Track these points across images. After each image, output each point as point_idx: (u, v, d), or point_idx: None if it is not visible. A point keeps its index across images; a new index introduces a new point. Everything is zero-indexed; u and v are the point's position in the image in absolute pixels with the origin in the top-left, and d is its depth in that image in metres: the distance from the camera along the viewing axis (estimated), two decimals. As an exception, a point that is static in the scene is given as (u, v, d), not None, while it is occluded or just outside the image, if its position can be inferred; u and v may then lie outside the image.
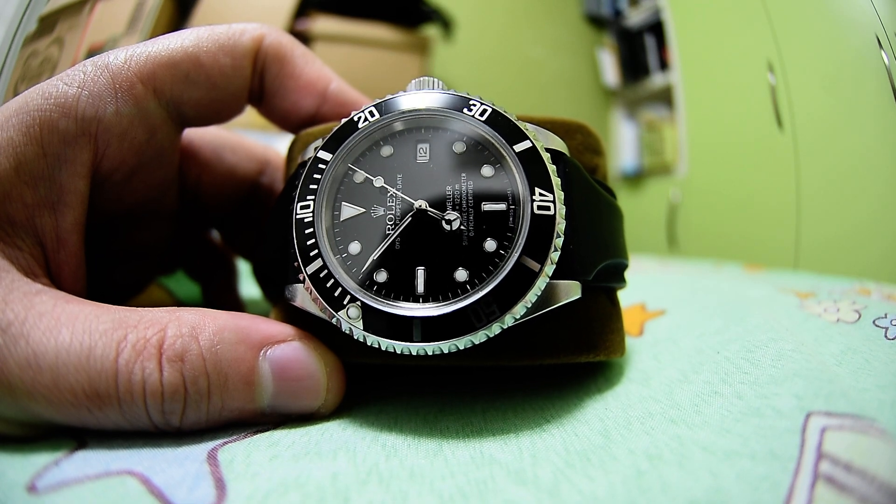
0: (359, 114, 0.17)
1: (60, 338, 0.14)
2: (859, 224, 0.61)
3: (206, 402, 0.15)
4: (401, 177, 0.17)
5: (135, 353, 0.14)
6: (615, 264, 0.19)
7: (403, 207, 0.16)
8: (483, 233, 0.16)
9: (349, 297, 0.15)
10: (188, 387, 0.14)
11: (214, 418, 0.15)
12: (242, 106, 0.22)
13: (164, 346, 0.14)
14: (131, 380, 0.14)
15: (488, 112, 0.17)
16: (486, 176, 0.16)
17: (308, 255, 0.16)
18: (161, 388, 0.14)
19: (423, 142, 0.17)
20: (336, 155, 0.17)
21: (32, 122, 0.16)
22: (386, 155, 0.17)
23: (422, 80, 0.18)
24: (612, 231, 0.19)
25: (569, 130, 0.19)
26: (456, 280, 0.15)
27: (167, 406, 0.14)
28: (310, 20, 0.99)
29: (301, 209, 0.16)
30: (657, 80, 1.32)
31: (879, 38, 0.43)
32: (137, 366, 0.14)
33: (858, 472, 0.12)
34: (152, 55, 0.18)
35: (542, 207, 0.15)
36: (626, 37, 1.41)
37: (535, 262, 0.15)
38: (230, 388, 0.15)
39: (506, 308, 0.14)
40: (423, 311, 0.15)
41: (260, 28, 0.21)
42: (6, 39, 0.41)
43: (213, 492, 0.12)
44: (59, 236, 0.16)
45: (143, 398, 0.14)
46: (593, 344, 0.18)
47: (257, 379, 0.15)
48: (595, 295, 0.18)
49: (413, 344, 0.15)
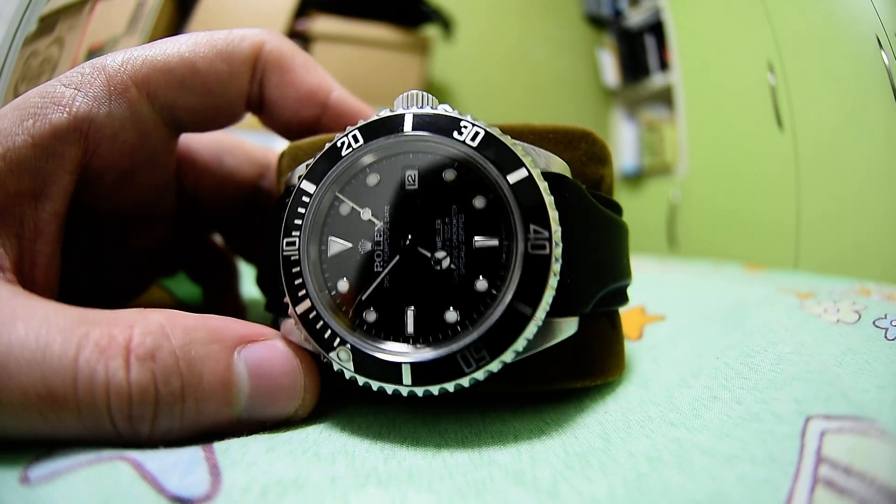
0: (342, 138, 0.16)
1: (14, 332, 0.12)
2: (859, 224, 0.61)
3: (179, 405, 0.13)
4: (388, 208, 0.16)
5: (98, 351, 0.13)
6: (617, 288, 0.19)
7: (392, 243, 0.16)
8: (474, 271, 0.15)
9: (339, 339, 0.15)
10: (160, 387, 0.13)
11: (188, 425, 0.14)
12: (240, 113, 0.21)
13: (132, 343, 0.13)
14: (93, 379, 0.12)
15: (480, 136, 0.15)
16: (477, 208, 0.15)
17: (296, 294, 0.16)
18: (128, 388, 0.13)
19: (411, 168, 0.16)
20: (320, 186, 0.16)
21: (27, 115, 0.16)
22: (372, 184, 0.16)
23: (410, 95, 0.17)
24: (614, 254, 0.19)
25: (573, 140, 0.18)
26: (446, 321, 0.15)
27: (135, 410, 0.13)
28: (310, 20, 0.99)
29: (287, 246, 0.16)
30: (657, 80, 1.32)
31: (879, 38, 0.43)
32: (101, 364, 0.12)
33: (858, 475, 0.12)
34: (148, 59, 0.18)
35: (537, 247, 0.14)
36: (626, 37, 1.41)
37: (528, 307, 0.14)
38: (205, 388, 0.14)
39: (496, 353, 0.14)
40: (411, 356, 0.15)
41: (260, 34, 0.20)
42: (6, 39, 0.41)
43: (207, 478, 0.12)
44: (38, 226, 0.16)
45: (106, 401, 0.12)
46: (589, 371, 0.17)
47: (233, 379, 0.14)
48: (594, 320, 0.18)
49: (403, 387, 0.15)
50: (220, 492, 0.11)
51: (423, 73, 1.08)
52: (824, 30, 0.64)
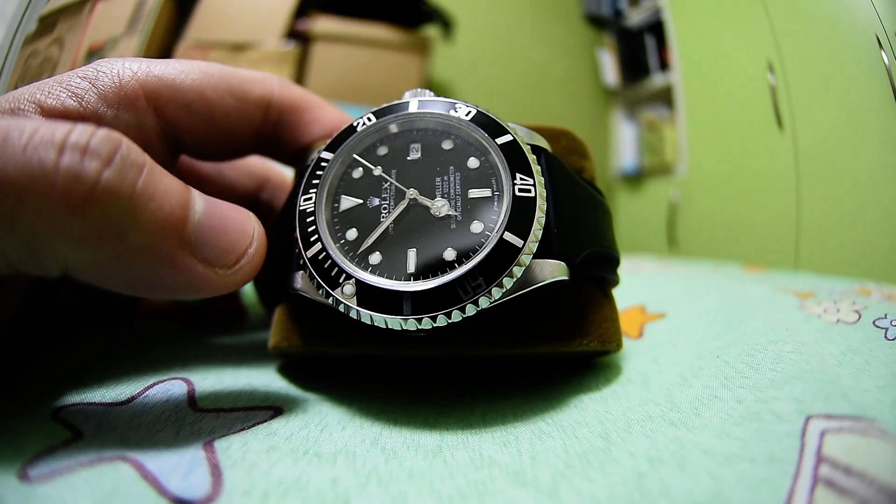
0: (358, 120, 0.19)
1: None
2: (859, 224, 0.61)
3: (132, 186, 0.13)
4: (395, 172, 0.18)
5: (49, 136, 0.12)
6: (604, 254, 0.20)
7: (397, 197, 0.18)
8: (470, 216, 0.17)
9: (345, 275, 0.16)
10: (116, 159, 0.13)
11: (140, 219, 0.13)
12: (246, 150, 0.22)
13: (84, 136, 0.13)
14: (46, 151, 0.12)
15: (473, 112, 0.18)
16: (472, 167, 0.18)
17: (309, 240, 0.17)
18: (86, 143, 0.13)
19: (416, 142, 0.19)
20: (337, 154, 0.19)
21: (44, 97, 0.16)
22: (382, 154, 0.19)
23: (416, 91, 0.20)
24: (597, 222, 0.20)
25: (554, 135, 0.20)
26: (444, 259, 0.16)
27: (88, 163, 0.12)
28: (310, 20, 0.99)
29: (304, 201, 0.18)
30: (657, 80, 1.31)
31: (879, 38, 0.43)
32: (52, 146, 0.12)
33: (858, 475, 0.12)
34: (161, 75, 0.19)
35: (523, 190, 0.16)
36: (626, 37, 1.41)
37: (518, 239, 0.16)
38: (165, 184, 0.14)
39: (491, 280, 0.15)
40: (412, 286, 0.15)
41: (271, 79, 0.21)
42: (6, 39, 0.41)
43: (208, 479, 0.12)
44: None
45: (55, 159, 0.12)
46: (585, 329, 0.18)
47: (190, 195, 0.15)
48: (586, 284, 0.19)
49: (403, 317, 0.15)
50: (221, 494, 0.11)
51: (423, 73, 1.08)
52: (824, 30, 0.64)
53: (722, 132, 1.02)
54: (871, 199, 0.59)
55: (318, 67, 0.97)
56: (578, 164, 0.21)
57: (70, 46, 0.48)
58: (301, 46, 0.96)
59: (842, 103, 0.62)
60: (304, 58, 0.97)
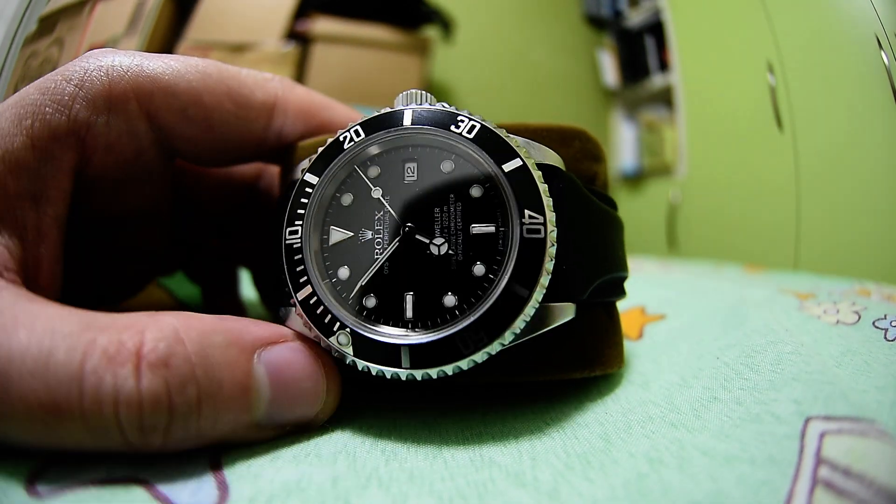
0: (344, 133, 0.17)
1: (16, 339, 0.12)
2: (859, 224, 0.61)
3: (195, 414, 0.13)
4: (388, 199, 0.16)
5: (105, 358, 0.12)
6: (613, 279, 0.19)
7: (391, 231, 0.16)
8: (472, 257, 0.15)
9: (339, 324, 0.15)
10: (174, 396, 0.12)
11: (206, 435, 0.13)
12: (247, 158, 0.21)
13: (143, 349, 0.12)
14: (100, 389, 0.12)
15: (476, 128, 0.16)
16: (474, 196, 0.16)
17: (298, 281, 0.16)
18: (139, 398, 0.12)
19: (411, 161, 0.17)
20: (322, 178, 0.17)
21: (25, 114, 0.15)
22: (373, 176, 0.17)
23: (410, 94, 0.17)
24: (609, 245, 0.19)
25: (566, 137, 0.19)
26: (444, 305, 0.15)
27: (147, 421, 0.12)
28: (310, 21, 0.99)
29: (290, 235, 0.16)
30: (657, 80, 1.31)
31: (879, 38, 0.43)
32: (109, 373, 0.12)
33: (857, 477, 0.12)
34: (154, 75, 0.17)
35: (532, 231, 0.15)
36: (625, 37, 1.41)
37: (524, 289, 0.14)
38: (224, 396, 0.13)
39: (494, 336, 0.14)
40: (410, 338, 0.15)
41: (273, 81, 0.20)
42: (6, 39, 0.41)
43: (214, 493, 0.12)
44: (41, 229, 0.16)
45: (114, 411, 0.12)
46: (589, 360, 0.18)
47: (253, 384, 0.14)
48: (591, 311, 0.18)
49: (402, 370, 0.15)
50: (227, 502, 0.12)
51: (423, 73, 1.08)
52: (824, 30, 0.64)
53: (722, 133, 1.02)
54: (871, 199, 0.59)
55: (318, 68, 0.97)
56: (591, 169, 0.19)
57: (70, 47, 0.48)
58: (301, 47, 0.96)
59: (842, 104, 0.62)
60: (304, 59, 0.97)
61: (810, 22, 0.69)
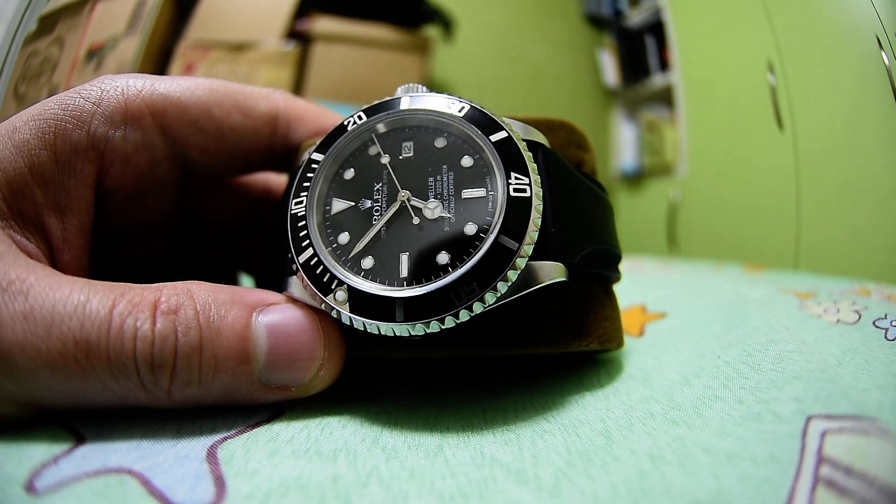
0: (348, 119, 0.19)
1: (59, 292, 0.14)
2: (859, 224, 0.61)
3: (197, 355, 0.14)
4: (386, 172, 0.18)
5: (130, 306, 0.14)
6: (605, 251, 0.19)
7: (389, 198, 0.17)
8: (464, 218, 0.16)
9: (336, 281, 0.16)
10: (179, 336, 0.14)
11: (208, 383, 0.15)
12: (256, 166, 0.23)
13: (160, 300, 0.15)
14: (123, 328, 0.14)
15: (466, 109, 0.18)
16: (465, 166, 0.17)
17: (300, 245, 0.17)
18: (152, 336, 0.14)
19: (408, 140, 0.18)
20: (327, 155, 0.18)
21: (48, 128, 0.17)
22: (373, 153, 0.18)
23: (408, 87, 0.19)
24: (597, 218, 0.19)
25: (552, 127, 0.20)
26: (438, 263, 0.16)
27: (157, 358, 0.14)
28: (310, 20, 0.99)
29: (295, 205, 0.18)
30: (657, 80, 1.31)
31: (879, 38, 0.43)
32: (131, 317, 0.14)
33: (859, 476, 0.12)
34: (166, 92, 0.19)
35: (518, 190, 0.16)
36: (626, 37, 1.41)
37: (513, 241, 0.15)
38: (223, 342, 0.15)
39: (485, 285, 0.15)
40: (404, 292, 0.15)
41: (274, 93, 0.22)
42: (6, 39, 0.41)
43: (212, 489, 0.12)
44: (66, 238, 0.17)
45: (132, 347, 0.14)
46: (585, 330, 0.18)
47: (251, 336, 0.15)
48: (585, 282, 0.19)
49: (396, 324, 0.15)
50: (224, 499, 0.12)
51: (423, 73, 1.08)
52: (824, 30, 0.64)
53: (722, 132, 1.02)
54: (871, 199, 0.59)
55: (319, 67, 0.97)
56: (578, 156, 0.20)
57: (70, 46, 0.48)
58: (301, 46, 0.96)
59: (842, 103, 0.62)
60: (305, 58, 0.97)
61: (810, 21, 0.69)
